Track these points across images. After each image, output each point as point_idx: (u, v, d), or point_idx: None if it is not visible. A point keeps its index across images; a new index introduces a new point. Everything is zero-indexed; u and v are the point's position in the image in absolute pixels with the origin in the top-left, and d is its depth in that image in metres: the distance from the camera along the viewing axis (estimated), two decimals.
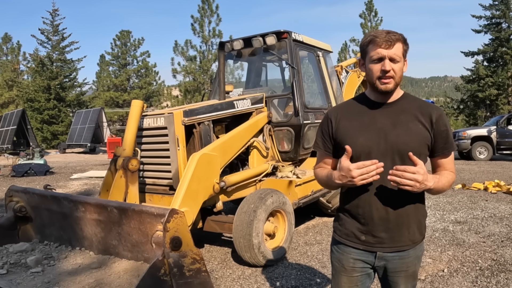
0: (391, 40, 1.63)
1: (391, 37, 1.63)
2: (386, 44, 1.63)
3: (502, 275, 3.83)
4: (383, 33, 1.65)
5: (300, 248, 4.85)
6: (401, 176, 1.56)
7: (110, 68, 40.09)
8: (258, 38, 5.34)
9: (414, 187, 1.57)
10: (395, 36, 1.65)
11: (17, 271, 2.89)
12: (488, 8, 31.14)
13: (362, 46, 1.72)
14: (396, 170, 1.57)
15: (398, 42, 1.65)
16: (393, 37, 1.64)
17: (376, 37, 1.65)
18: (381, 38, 1.63)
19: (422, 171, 1.57)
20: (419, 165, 1.58)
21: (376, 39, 1.64)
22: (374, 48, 1.65)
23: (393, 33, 1.65)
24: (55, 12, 35.85)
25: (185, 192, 3.88)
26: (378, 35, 1.65)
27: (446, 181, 1.73)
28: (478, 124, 29.18)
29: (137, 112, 4.22)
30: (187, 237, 2.38)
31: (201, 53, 29.93)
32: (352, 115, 1.82)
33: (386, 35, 1.64)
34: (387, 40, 1.63)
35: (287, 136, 5.43)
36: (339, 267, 1.89)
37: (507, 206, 6.86)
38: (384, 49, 1.64)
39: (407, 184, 1.56)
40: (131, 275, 2.62)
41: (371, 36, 1.67)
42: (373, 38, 1.65)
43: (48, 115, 32.09)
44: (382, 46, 1.63)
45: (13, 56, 41.20)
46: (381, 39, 1.63)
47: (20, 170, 12.79)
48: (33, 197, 3.47)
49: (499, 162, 14.20)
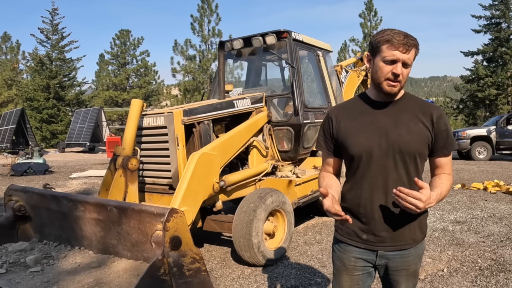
0: (409, 44, 1.61)
1: (409, 41, 1.61)
2: (404, 48, 1.60)
3: (501, 275, 3.83)
4: (401, 36, 1.61)
5: (299, 248, 4.85)
6: (404, 199, 1.54)
7: (109, 67, 40.02)
8: (258, 38, 5.34)
9: (415, 211, 1.56)
10: (412, 41, 1.62)
11: (16, 270, 2.89)
12: (487, 8, 31.12)
13: (376, 42, 1.66)
14: (400, 192, 1.55)
15: (413, 47, 1.63)
16: (411, 42, 1.61)
17: (394, 38, 1.60)
18: (399, 40, 1.60)
19: (425, 198, 1.54)
20: (424, 189, 1.56)
21: (394, 40, 1.60)
22: (390, 49, 1.61)
23: (410, 37, 1.62)
24: (54, 11, 35.77)
25: (184, 192, 3.87)
26: (396, 36, 1.60)
27: (446, 190, 1.73)
28: (478, 124, 29.19)
29: (136, 111, 4.21)
30: (186, 236, 2.37)
31: (200, 52, 29.93)
32: (353, 114, 1.82)
33: (405, 39, 1.60)
34: (405, 43, 1.60)
35: (287, 136, 5.43)
36: (340, 266, 1.89)
37: (507, 206, 6.87)
38: (401, 52, 1.60)
39: (407, 207, 1.56)
40: (130, 275, 2.61)
41: (389, 36, 1.61)
42: (391, 38, 1.60)
43: (47, 114, 32.04)
44: (400, 50, 1.60)
45: (12, 55, 41.12)
46: (399, 41, 1.59)
47: (19, 169, 12.77)
48: (32, 196, 3.46)
49: (499, 162, 14.20)
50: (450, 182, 1.77)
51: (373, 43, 1.68)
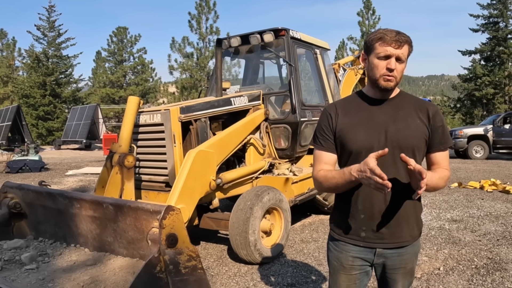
0: (401, 41, 1.68)
1: (401, 38, 1.68)
2: (396, 44, 1.67)
3: (497, 274, 3.84)
4: (393, 33, 1.68)
5: (296, 246, 4.85)
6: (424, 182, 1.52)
7: (106, 65, 39.92)
8: (256, 35, 5.32)
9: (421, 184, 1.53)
10: (404, 37, 1.69)
11: (12, 268, 2.86)
12: (486, 7, 31.17)
13: (370, 41, 1.73)
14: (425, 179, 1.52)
15: (406, 43, 1.70)
16: (403, 38, 1.68)
17: (387, 35, 1.67)
18: (391, 37, 1.67)
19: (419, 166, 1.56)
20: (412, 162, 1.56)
21: (386, 37, 1.67)
22: (383, 45, 1.67)
23: (402, 34, 1.69)
24: (51, 8, 35.63)
25: (181, 189, 3.86)
26: (388, 33, 1.68)
27: (438, 178, 1.73)
28: (475, 123, 29.25)
29: (133, 108, 4.19)
30: (183, 234, 2.36)
31: (198, 50, 29.89)
32: (350, 111, 1.83)
33: (397, 35, 1.68)
34: (397, 40, 1.67)
35: (284, 134, 5.42)
36: (337, 265, 1.89)
37: (503, 204, 6.89)
38: (393, 48, 1.67)
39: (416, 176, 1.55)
40: (126, 272, 2.59)
41: (381, 34, 1.69)
42: (384, 36, 1.68)
43: (44, 111, 31.93)
44: (392, 45, 1.67)
45: (8, 52, 40.86)
46: (391, 38, 1.67)
47: (15, 166, 12.72)
48: (28, 193, 3.43)
49: (495, 161, 14.25)
50: (444, 174, 1.77)
51: (367, 42, 1.76)
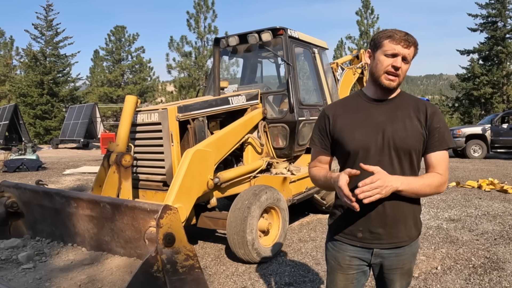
0: (410, 41, 1.71)
1: (409, 38, 1.71)
2: (405, 43, 1.70)
3: (495, 273, 3.85)
4: (403, 33, 1.72)
5: (294, 245, 4.85)
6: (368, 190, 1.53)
7: (104, 64, 39.77)
8: (254, 35, 5.32)
9: (381, 193, 1.55)
10: (412, 39, 1.73)
11: (8, 268, 2.85)
12: (484, 7, 31.18)
13: (378, 38, 1.75)
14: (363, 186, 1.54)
15: (413, 45, 1.73)
16: (411, 39, 1.72)
17: (396, 34, 1.71)
18: (401, 36, 1.70)
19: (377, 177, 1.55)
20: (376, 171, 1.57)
21: (395, 36, 1.70)
22: (392, 43, 1.70)
23: (411, 36, 1.73)
24: (49, 7, 35.52)
25: (178, 188, 3.86)
26: (398, 33, 1.71)
27: (422, 184, 1.67)
28: (473, 122, 29.28)
29: (131, 107, 4.18)
30: (180, 233, 2.35)
31: (196, 49, 29.80)
32: (349, 111, 1.83)
33: (406, 36, 1.71)
34: (406, 39, 1.70)
35: (282, 133, 5.41)
36: (335, 265, 1.89)
37: (501, 204, 6.90)
38: (402, 47, 1.70)
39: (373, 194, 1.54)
40: (123, 272, 2.59)
41: (391, 32, 1.72)
42: (393, 34, 1.71)
43: (41, 110, 31.83)
44: (401, 44, 1.69)
45: (5, 51, 40.69)
46: (400, 37, 1.70)
47: (12, 165, 12.68)
48: (25, 192, 3.42)
49: (493, 160, 14.28)
50: (435, 179, 1.70)
51: (375, 39, 1.77)
